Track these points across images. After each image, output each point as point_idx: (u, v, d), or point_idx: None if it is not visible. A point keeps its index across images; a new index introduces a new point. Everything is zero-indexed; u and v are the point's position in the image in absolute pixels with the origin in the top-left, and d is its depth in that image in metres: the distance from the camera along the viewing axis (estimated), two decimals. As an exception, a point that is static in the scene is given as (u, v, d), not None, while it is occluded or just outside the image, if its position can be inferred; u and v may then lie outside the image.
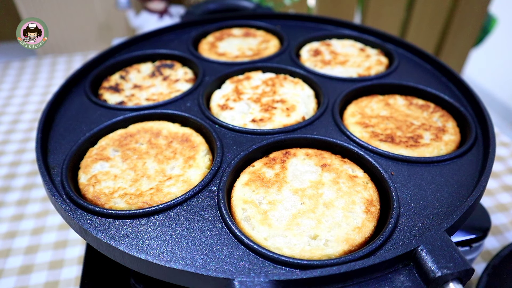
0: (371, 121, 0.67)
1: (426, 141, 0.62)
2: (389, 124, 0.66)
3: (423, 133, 0.64)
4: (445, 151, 0.61)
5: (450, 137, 0.63)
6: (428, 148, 0.61)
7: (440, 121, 0.67)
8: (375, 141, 0.62)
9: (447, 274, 0.39)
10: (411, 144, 0.62)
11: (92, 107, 0.71)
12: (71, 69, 1.47)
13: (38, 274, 0.75)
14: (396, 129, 0.65)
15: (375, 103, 0.72)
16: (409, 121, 0.67)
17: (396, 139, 0.62)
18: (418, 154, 0.60)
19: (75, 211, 0.51)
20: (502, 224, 0.85)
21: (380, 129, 0.65)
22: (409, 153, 0.60)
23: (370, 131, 0.64)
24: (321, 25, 1.01)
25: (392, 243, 0.47)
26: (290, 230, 0.49)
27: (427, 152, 0.60)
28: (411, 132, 0.64)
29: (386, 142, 0.62)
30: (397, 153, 0.59)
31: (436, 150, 0.61)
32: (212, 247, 0.47)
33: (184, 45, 0.91)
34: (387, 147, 0.61)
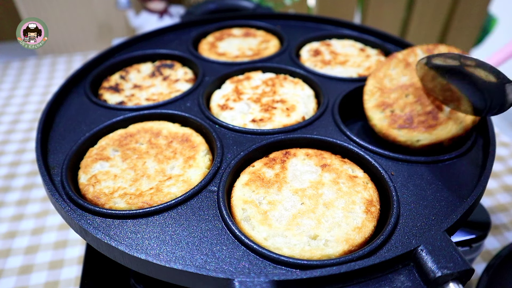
0: (391, 97, 0.67)
1: (446, 114, 0.62)
2: (409, 97, 0.66)
3: (440, 108, 0.63)
4: (464, 125, 0.60)
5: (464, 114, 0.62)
6: (447, 127, 0.61)
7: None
8: (393, 130, 0.63)
9: (447, 274, 0.39)
10: (429, 124, 0.62)
11: (92, 107, 0.71)
12: (71, 69, 1.47)
13: (38, 274, 0.75)
14: (415, 103, 0.65)
15: (393, 69, 0.71)
16: (424, 98, 0.66)
17: (414, 121, 0.63)
18: (436, 137, 0.60)
19: (75, 211, 0.51)
20: (502, 224, 0.85)
21: (399, 107, 0.65)
22: (426, 138, 0.61)
23: (389, 114, 0.65)
24: (321, 25, 1.01)
25: (392, 243, 0.47)
26: (290, 230, 0.49)
27: (445, 133, 0.60)
28: (431, 104, 0.64)
29: (404, 128, 0.63)
30: (415, 139, 0.61)
31: (455, 127, 0.60)
32: (212, 247, 0.47)
33: (184, 45, 0.91)
34: (406, 135, 0.62)
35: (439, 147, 0.62)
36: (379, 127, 0.65)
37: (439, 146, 0.61)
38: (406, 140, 0.62)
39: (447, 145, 0.61)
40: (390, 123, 0.64)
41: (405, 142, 0.62)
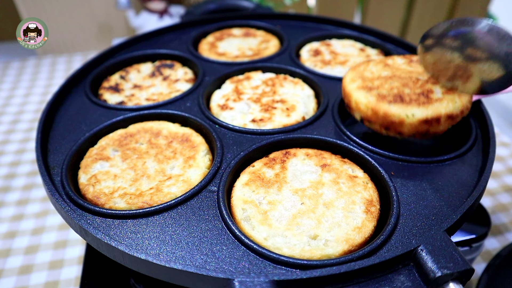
0: (374, 84, 0.61)
1: (438, 95, 0.57)
2: (394, 83, 0.60)
3: (432, 87, 0.59)
4: (461, 104, 0.57)
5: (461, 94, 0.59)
6: (442, 103, 0.56)
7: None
8: (383, 104, 0.57)
9: (447, 274, 0.39)
10: (423, 101, 0.56)
11: (92, 107, 0.71)
12: (71, 69, 1.47)
13: (38, 274, 0.75)
14: (403, 86, 0.59)
15: (373, 66, 0.67)
16: (414, 77, 0.61)
17: (405, 98, 0.57)
18: (433, 112, 0.55)
19: (75, 211, 0.51)
20: (502, 224, 0.85)
21: (385, 89, 0.59)
22: (422, 112, 0.55)
23: (376, 94, 0.59)
24: (321, 25, 1.01)
25: (392, 243, 0.47)
26: (290, 230, 0.49)
27: (442, 108, 0.56)
28: (420, 88, 0.59)
29: (396, 103, 0.57)
30: (410, 112, 0.55)
31: (451, 104, 0.56)
32: (212, 247, 0.47)
33: (184, 45, 0.91)
34: (399, 108, 0.56)
35: (435, 129, 0.56)
36: (366, 103, 0.58)
37: (435, 128, 0.56)
38: (399, 114, 0.56)
39: (443, 128, 0.57)
40: (378, 99, 0.57)
41: (399, 116, 0.56)
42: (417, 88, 0.58)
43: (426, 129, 0.55)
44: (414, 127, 0.55)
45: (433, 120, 0.55)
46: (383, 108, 0.56)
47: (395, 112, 0.55)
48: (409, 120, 0.55)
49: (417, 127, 0.55)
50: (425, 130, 0.56)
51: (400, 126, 0.55)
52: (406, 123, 0.55)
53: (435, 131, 0.56)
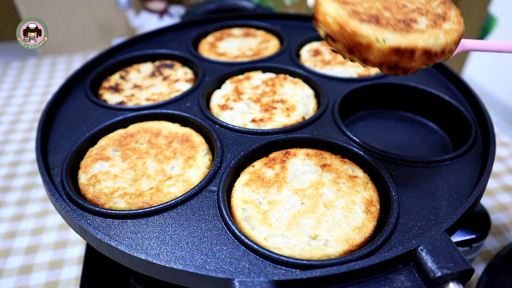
0: (353, 0, 0.52)
1: (421, 26, 0.49)
2: (376, 4, 0.51)
3: (418, 18, 0.50)
4: (444, 41, 0.48)
5: (452, 26, 0.50)
6: (423, 35, 0.47)
7: (440, 8, 0.53)
8: (354, 21, 0.47)
9: (447, 274, 0.39)
10: (400, 28, 0.48)
11: (92, 107, 0.71)
12: (71, 69, 1.47)
13: (38, 274, 0.75)
14: (385, 9, 0.50)
15: None
16: (401, 2, 0.53)
17: (382, 21, 0.48)
18: (409, 41, 0.46)
19: (75, 211, 0.51)
20: (502, 224, 0.85)
21: (362, 8, 0.50)
22: (397, 39, 0.45)
23: (349, 9, 0.49)
24: (321, 25, 1.00)
25: (392, 243, 0.47)
26: (290, 230, 0.49)
27: (420, 40, 0.47)
28: (403, 15, 0.50)
29: (369, 23, 0.47)
30: (383, 36, 0.45)
31: (433, 39, 0.47)
32: (212, 247, 0.47)
33: (184, 45, 0.91)
34: (370, 29, 0.46)
35: (405, 64, 0.47)
36: (335, 16, 0.48)
37: (406, 62, 0.47)
38: (368, 35, 0.46)
39: (415, 65, 0.48)
40: (350, 15, 0.48)
41: (368, 37, 0.46)
42: (400, 14, 0.50)
43: (396, 61, 0.47)
44: (383, 55, 0.46)
45: (406, 51, 0.46)
46: (353, 25, 0.46)
47: (365, 32, 0.46)
48: (378, 44, 0.45)
49: (386, 55, 0.46)
50: (394, 62, 0.47)
51: (367, 50, 0.46)
52: (374, 48, 0.46)
53: (405, 67, 0.48)
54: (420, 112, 0.76)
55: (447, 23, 0.50)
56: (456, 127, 0.69)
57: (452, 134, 0.71)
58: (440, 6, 0.53)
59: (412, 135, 0.72)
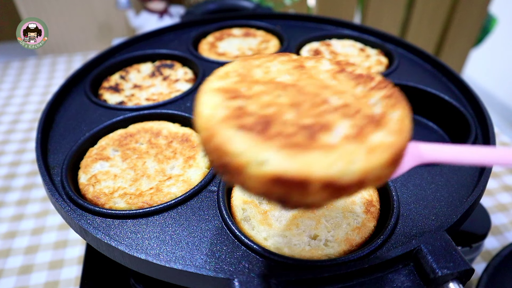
0: (251, 90, 0.36)
1: (332, 139, 0.31)
2: (281, 98, 0.35)
3: (336, 122, 0.33)
4: (362, 167, 0.29)
5: (384, 139, 0.32)
6: (327, 157, 0.29)
7: (381, 105, 0.35)
8: (227, 127, 0.31)
9: (447, 274, 0.39)
10: (296, 142, 0.30)
11: (92, 107, 0.71)
12: (71, 69, 1.47)
13: (38, 274, 0.75)
14: (290, 107, 0.34)
15: (280, 63, 0.41)
16: (322, 96, 0.36)
17: (272, 129, 0.31)
18: (298, 168, 0.29)
19: (75, 211, 0.51)
20: (502, 224, 0.85)
21: (257, 104, 0.34)
22: (280, 162, 0.29)
23: (236, 106, 0.33)
24: (321, 25, 1.01)
25: (392, 243, 0.47)
26: (290, 230, 0.49)
27: (318, 165, 0.29)
28: (314, 117, 0.33)
29: (250, 131, 0.31)
30: (260, 156, 0.29)
31: (342, 164, 0.29)
32: (212, 247, 0.47)
33: (184, 45, 0.91)
34: (244, 143, 0.30)
35: (298, 199, 0.30)
36: (206, 116, 0.33)
37: (298, 196, 0.30)
38: (240, 153, 0.29)
39: (315, 200, 0.30)
40: (228, 116, 0.32)
41: (238, 156, 0.29)
42: (310, 116, 0.33)
43: (283, 195, 0.30)
44: (260, 184, 0.30)
45: (293, 183, 0.29)
46: (221, 134, 0.31)
47: (235, 148, 0.30)
48: (252, 169, 0.29)
49: (265, 185, 0.29)
50: (280, 196, 0.30)
51: (238, 174, 0.30)
52: (248, 173, 0.29)
53: (300, 202, 0.31)
54: (420, 112, 0.76)
55: (379, 132, 0.32)
56: (456, 127, 0.69)
57: (452, 134, 0.71)
58: (382, 102, 0.36)
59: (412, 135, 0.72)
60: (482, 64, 2.94)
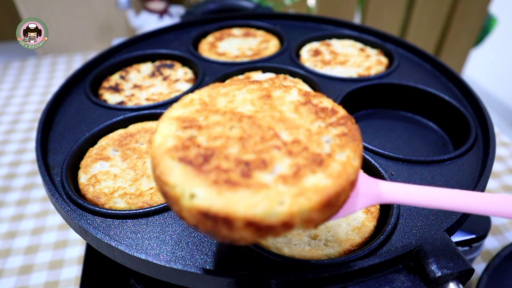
0: (207, 119, 0.38)
1: (266, 178, 0.32)
2: (233, 130, 0.37)
3: (276, 160, 0.34)
4: (287, 210, 0.30)
5: (318, 182, 0.32)
6: (252, 197, 0.31)
7: (331, 145, 0.36)
8: (168, 157, 0.34)
9: (447, 274, 0.39)
10: (227, 178, 0.32)
11: (92, 107, 0.71)
12: (71, 69, 1.47)
13: (38, 274, 0.75)
14: (238, 140, 0.36)
15: (247, 92, 0.42)
16: (274, 130, 0.37)
17: (210, 163, 0.33)
18: (223, 205, 0.30)
19: (75, 211, 0.51)
20: (502, 224, 0.85)
21: (207, 136, 0.36)
22: (208, 198, 0.31)
23: (186, 136, 0.36)
24: (321, 25, 1.01)
25: (392, 243, 0.47)
26: (290, 230, 0.49)
27: (242, 204, 0.30)
28: (257, 153, 0.34)
29: (189, 165, 0.33)
30: (192, 190, 0.31)
31: (266, 205, 0.30)
32: (212, 247, 0.47)
33: (184, 45, 0.91)
34: (181, 175, 0.32)
35: (224, 234, 0.31)
36: (156, 145, 0.35)
37: (224, 231, 0.31)
38: (174, 184, 0.32)
39: (240, 237, 0.31)
40: (175, 147, 0.35)
41: (172, 187, 0.32)
42: (252, 152, 0.34)
43: (211, 228, 0.31)
44: (191, 216, 0.32)
45: (218, 219, 0.30)
46: (163, 164, 0.33)
47: (172, 180, 0.32)
48: (184, 201, 0.31)
49: (195, 217, 0.31)
50: (210, 229, 0.32)
51: (174, 204, 0.33)
52: (181, 204, 0.32)
53: (227, 236, 0.32)
54: (420, 112, 0.76)
55: (316, 175, 0.32)
56: (456, 127, 0.69)
57: (452, 134, 0.71)
58: (334, 140, 0.36)
59: (412, 135, 0.72)
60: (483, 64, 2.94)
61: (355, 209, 0.38)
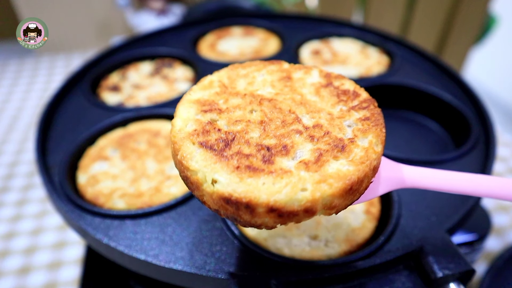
0: (227, 102, 0.38)
1: (288, 163, 0.32)
2: (254, 114, 0.36)
3: (298, 145, 0.34)
4: (309, 197, 0.30)
5: (341, 168, 0.32)
6: (274, 184, 0.31)
7: (353, 129, 0.35)
8: (189, 141, 0.34)
9: (448, 274, 0.39)
10: (249, 164, 0.32)
11: (91, 107, 0.71)
12: (70, 67, 1.47)
13: (37, 275, 0.75)
14: (259, 124, 0.35)
15: (267, 73, 0.42)
16: (295, 114, 0.37)
17: (232, 148, 0.33)
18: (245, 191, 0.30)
19: (74, 212, 0.51)
20: (503, 225, 0.85)
21: (227, 120, 0.36)
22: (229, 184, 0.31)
23: (206, 120, 0.35)
24: (321, 24, 1.00)
25: (392, 244, 0.47)
26: (290, 231, 0.49)
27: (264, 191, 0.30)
28: (278, 137, 0.34)
29: (210, 150, 0.33)
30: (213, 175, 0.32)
31: (289, 191, 0.30)
32: (211, 248, 0.46)
33: (184, 44, 0.91)
34: (202, 161, 0.32)
35: (247, 219, 0.31)
36: (176, 129, 0.35)
37: (247, 216, 0.31)
38: (196, 169, 0.32)
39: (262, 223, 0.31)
40: (195, 131, 0.34)
41: (194, 172, 0.32)
42: (274, 137, 0.34)
43: (233, 213, 0.32)
44: (213, 201, 0.32)
45: (240, 204, 0.30)
46: (184, 149, 0.33)
47: (193, 165, 0.32)
48: (206, 186, 0.32)
49: (217, 203, 0.32)
50: (231, 214, 0.32)
51: (196, 188, 0.33)
52: (203, 189, 0.32)
53: (249, 222, 0.32)
54: (421, 112, 0.76)
55: (338, 161, 0.32)
56: (458, 127, 0.69)
57: (454, 134, 0.71)
58: (357, 125, 0.36)
59: (413, 135, 0.72)
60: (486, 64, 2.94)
61: (377, 194, 0.37)
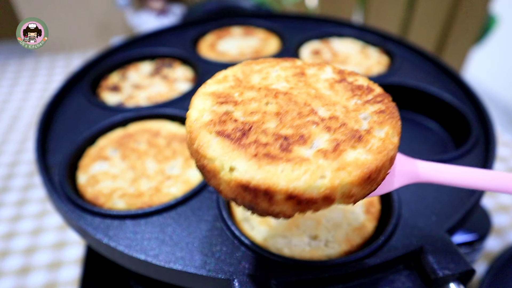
0: (242, 95, 0.38)
1: (306, 152, 0.32)
2: (269, 106, 0.36)
3: (315, 135, 0.34)
4: (328, 185, 0.30)
5: (359, 157, 0.32)
6: (293, 171, 0.30)
7: (369, 121, 0.36)
8: (206, 131, 0.34)
9: (448, 275, 0.39)
10: (267, 152, 0.32)
11: (91, 107, 0.71)
12: (70, 67, 1.47)
13: (37, 275, 0.75)
14: (275, 115, 0.35)
15: (281, 69, 0.42)
16: (311, 106, 0.37)
17: (249, 137, 0.33)
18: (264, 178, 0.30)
19: (74, 212, 0.51)
20: (503, 225, 0.85)
21: (243, 111, 0.36)
22: (248, 171, 0.31)
23: (222, 111, 0.36)
24: (321, 24, 1.00)
25: (392, 244, 0.47)
26: (290, 231, 0.49)
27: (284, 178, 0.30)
28: (295, 128, 0.34)
29: (227, 138, 0.33)
30: (231, 163, 0.31)
31: (307, 178, 0.30)
32: (211, 248, 0.46)
33: (184, 44, 0.91)
34: (220, 149, 0.32)
35: (264, 207, 0.31)
36: (192, 119, 0.35)
37: (264, 204, 0.31)
38: (213, 157, 0.32)
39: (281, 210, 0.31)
40: (212, 121, 0.35)
41: (211, 160, 0.32)
42: (290, 127, 0.34)
43: (250, 201, 0.31)
44: (230, 189, 0.32)
45: (259, 192, 0.30)
46: (201, 138, 0.33)
47: (211, 153, 0.32)
48: (224, 174, 0.31)
49: (234, 191, 0.31)
50: (249, 202, 0.32)
51: (213, 177, 0.33)
52: (220, 177, 0.32)
53: (266, 210, 0.32)
54: (421, 112, 0.76)
55: (356, 150, 0.32)
56: (458, 127, 0.69)
57: (454, 134, 0.71)
58: (372, 117, 0.36)
59: (413, 135, 0.72)
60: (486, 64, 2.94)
61: (392, 187, 0.38)
